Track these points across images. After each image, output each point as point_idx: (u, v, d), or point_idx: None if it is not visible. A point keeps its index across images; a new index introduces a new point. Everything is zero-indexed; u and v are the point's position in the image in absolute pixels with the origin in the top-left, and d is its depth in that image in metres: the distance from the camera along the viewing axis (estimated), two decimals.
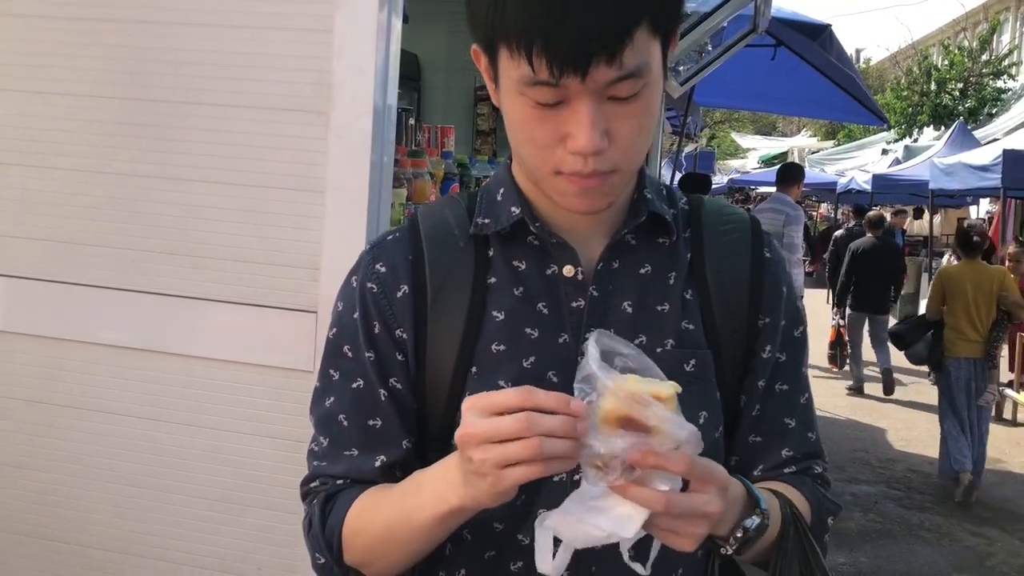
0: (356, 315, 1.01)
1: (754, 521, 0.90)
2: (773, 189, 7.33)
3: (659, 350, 0.98)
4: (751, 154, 27.78)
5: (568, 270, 1.00)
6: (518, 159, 0.99)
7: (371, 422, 1.01)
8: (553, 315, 0.99)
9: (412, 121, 2.83)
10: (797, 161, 17.27)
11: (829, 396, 7.97)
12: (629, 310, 1.00)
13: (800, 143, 26.56)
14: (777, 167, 9.16)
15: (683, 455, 0.77)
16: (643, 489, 0.77)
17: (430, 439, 1.02)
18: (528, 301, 0.99)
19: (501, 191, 1.03)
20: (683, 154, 9.60)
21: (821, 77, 6.85)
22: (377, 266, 1.02)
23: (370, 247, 1.06)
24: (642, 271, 1.02)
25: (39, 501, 2.06)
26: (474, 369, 0.98)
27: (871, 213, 9.32)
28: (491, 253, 1.02)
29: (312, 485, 1.05)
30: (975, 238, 5.86)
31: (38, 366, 2.04)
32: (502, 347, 0.98)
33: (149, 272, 1.94)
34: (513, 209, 1.00)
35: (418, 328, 0.99)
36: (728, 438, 1.06)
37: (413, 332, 1.00)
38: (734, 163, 27.51)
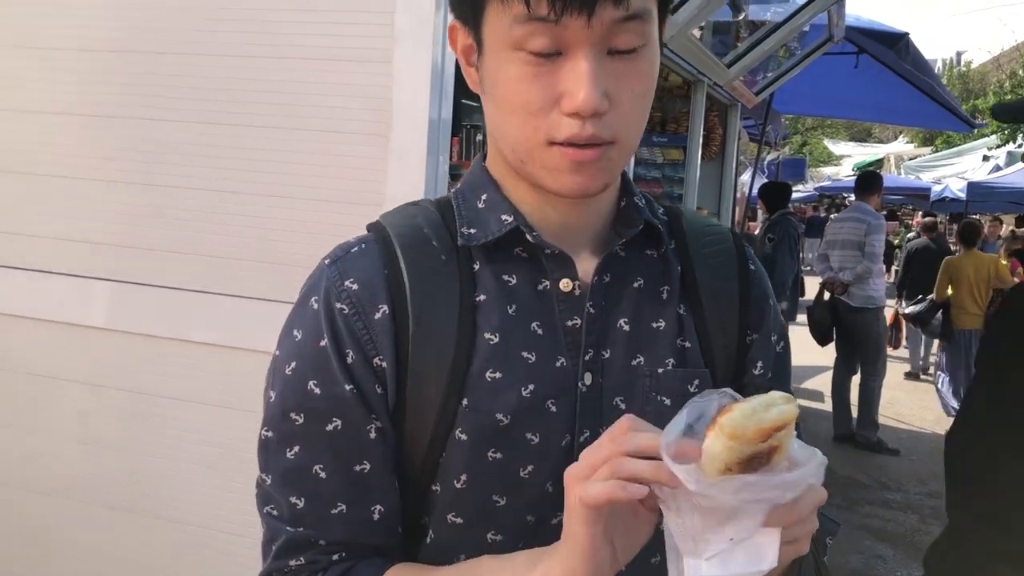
0: (324, 342, 0.85)
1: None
2: None
3: (660, 371, 0.91)
4: (845, 161, 27.01)
5: (565, 284, 0.90)
6: (504, 142, 0.86)
7: (358, 467, 0.86)
8: (548, 336, 0.89)
9: (480, 137, 2.98)
10: (893, 168, 16.80)
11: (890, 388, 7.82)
12: (626, 328, 0.91)
13: (896, 149, 25.73)
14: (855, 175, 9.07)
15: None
16: (776, 514, 0.67)
17: (405, 487, 0.89)
18: (522, 320, 0.88)
19: (484, 197, 0.92)
20: (763, 162, 9.51)
21: (906, 84, 6.75)
22: (347, 283, 0.86)
23: (330, 261, 0.90)
24: (635, 285, 0.94)
25: (134, 481, 2.27)
26: (465, 402, 0.85)
27: (926, 219, 9.88)
28: (477, 267, 0.89)
29: (292, 564, 0.87)
30: (971, 234, 7.51)
31: (135, 360, 2.24)
32: (498, 374, 0.86)
33: (232, 277, 2.12)
34: (504, 217, 0.89)
35: (399, 355, 0.85)
36: None
37: (394, 360, 0.85)
38: (827, 170, 26.82)
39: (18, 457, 2.32)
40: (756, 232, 8.98)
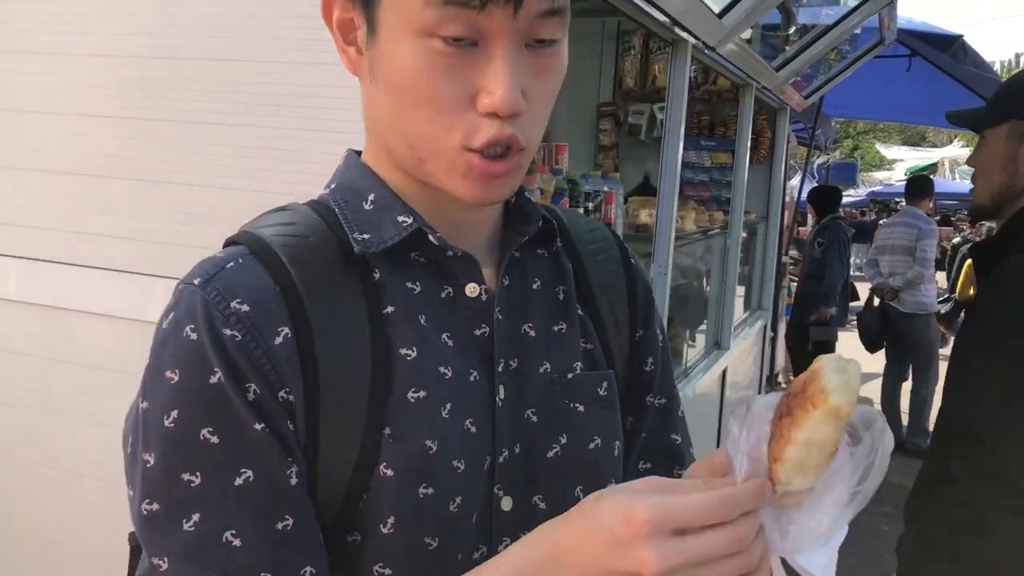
0: (216, 378, 0.70)
1: None
2: None
3: (570, 375, 0.87)
4: (897, 166, 26.52)
5: (471, 289, 0.82)
6: (399, 137, 0.77)
7: (281, 524, 0.71)
8: (459, 347, 0.81)
9: None
10: (948, 173, 16.48)
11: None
12: (532, 333, 0.86)
13: (951, 153, 25.16)
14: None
15: None
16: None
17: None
18: (433, 331, 0.80)
19: (371, 197, 0.82)
20: (813, 166, 9.42)
21: (961, 87, 6.65)
22: (233, 304, 0.72)
23: (201, 281, 0.73)
24: (534, 287, 0.88)
25: None
26: (388, 430, 0.75)
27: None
28: (377, 276, 0.79)
29: None
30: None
31: None
32: (421, 393, 0.77)
33: None
34: (401, 219, 0.80)
35: (308, 385, 0.73)
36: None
37: (303, 391, 0.72)
38: (879, 175, 26.36)
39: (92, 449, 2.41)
40: (805, 237, 8.91)
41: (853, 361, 0.62)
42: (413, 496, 0.75)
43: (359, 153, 0.87)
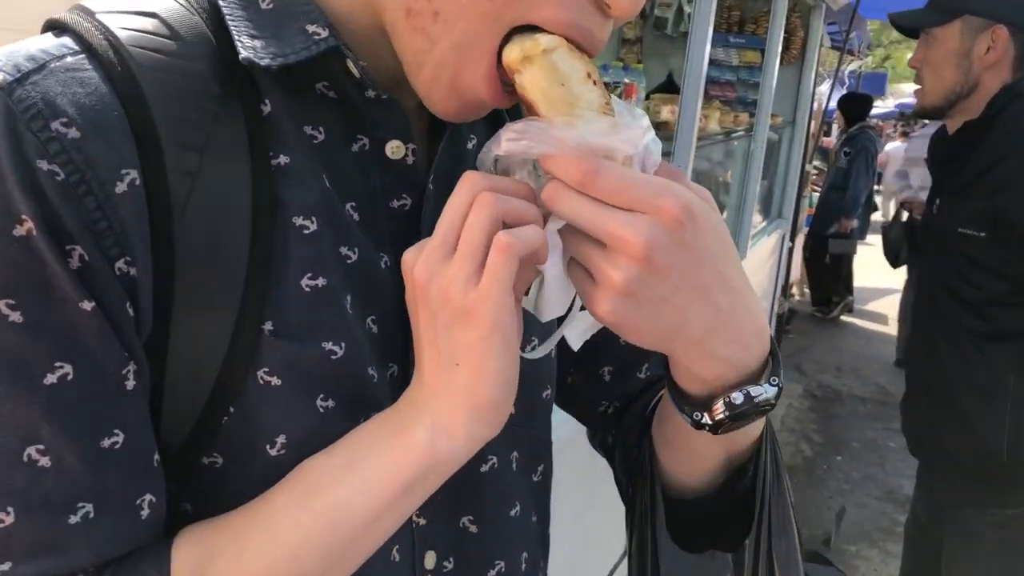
0: (23, 231, 0.49)
1: (764, 391, 0.59)
2: None
3: None
4: None
5: (395, 148, 0.62)
6: None
7: (108, 440, 0.53)
8: (367, 222, 0.62)
9: None
10: None
11: None
12: None
13: None
14: None
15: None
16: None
17: (167, 458, 0.58)
18: (338, 199, 0.60)
19: None
20: (845, 72, 9.06)
21: None
22: (56, 125, 0.50)
23: (7, 79, 0.51)
24: (469, 146, 0.70)
25: None
26: (269, 325, 0.56)
27: None
28: (268, 108, 0.57)
29: None
30: None
31: None
32: (320, 281, 0.58)
33: None
34: (312, 29, 0.57)
35: (160, 254, 0.53)
36: (568, 369, 0.83)
37: (151, 263, 0.53)
38: (908, 87, 25.63)
39: None
40: (830, 147, 8.65)
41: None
42: (311, 411, 0.59)
43: None
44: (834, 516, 3.92)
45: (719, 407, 0.59)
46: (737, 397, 0.58)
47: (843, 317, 7.53)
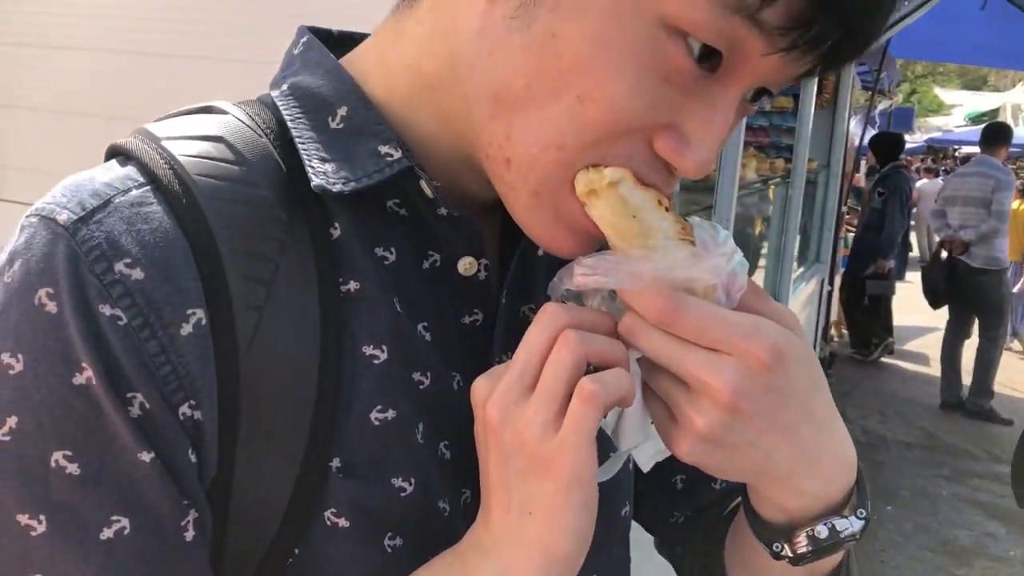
0: (82, 379, 0.47)
1: (849, 525, 0.55)
2: (978, 150, 6.80)
3: None
4: (956, 111, 25.65)
5: (467, 265, 0.60)
6: (493, 113, 0.52)
7: None
8: (438, 342, 0.59)
9: None
10: (1010, 119, 15.80)
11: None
12: (532, 317, 0.61)
13: (1015, 98, 24.23)
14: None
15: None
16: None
17: None
18: (410, 321, 0.57)
19: (342, 111, 0.57)
20: (876, 111, 9.02)
21: None
22: (119, 267, 0.48)
23: (71, 219, 0.48)
24: (540, 252, 0.66)
25: None
26: (337, 463, 0.54)
27: None
28: (337, 232, 0.55)
29: None
30: None
31: None
32: (390, 413, 0.55)
33: None
34: (384, 150, 0.55)
35: (225, 396, 0.50)
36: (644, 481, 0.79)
37: (217, 405, 0.50)
38: (936, 121, 25.50)
39: None
40: (860, 184, 8.57)
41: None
42: (377, 552, 0.55)
43: (328, 39, 0.61)
44: (888, 571, 3.80)
45: (801, 540, 0.56)
46: (822, 531, 0.56)
47: (884, 359, 7.39)
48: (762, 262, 4.12)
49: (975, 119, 22.47)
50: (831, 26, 0.47)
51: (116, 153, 0.55)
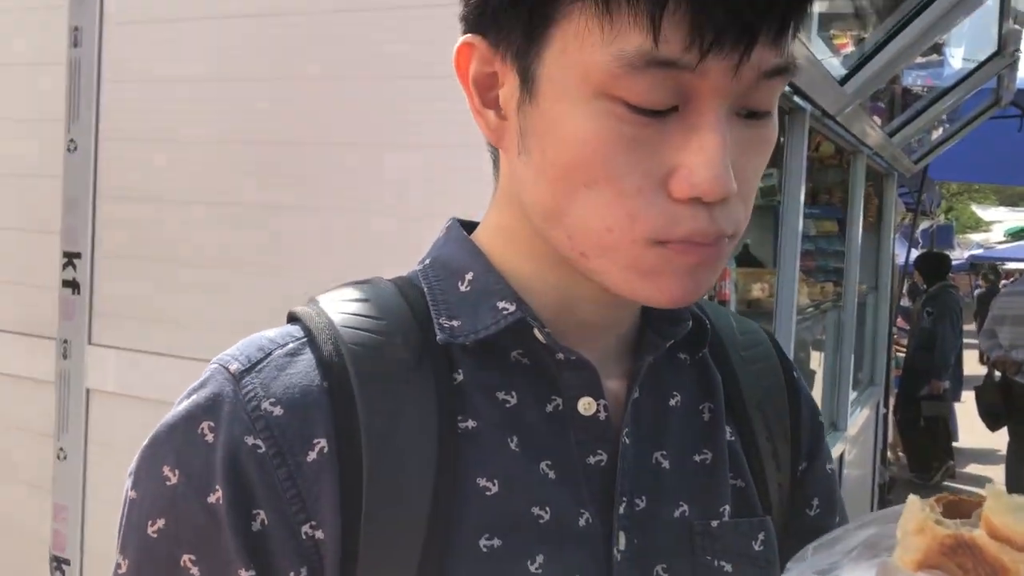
0: (214, 499, 0.56)
1: None
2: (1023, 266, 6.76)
3: (715, 523, 0.67)
4: (995, 227, 25.57)
5: (586, 405, 0.64)
6: (552, 226, 0.59)
7: None
8: (564, 480, 0.62)
9: None
10: None
11: None
12: (665, 464, 0.67)
13: None
14: None
15: None
16: None
17: None
18: (528, 458, 0.62)
19: (468, 277, 0.65)
20: (918, 231, 9.06)
21: None
22: (265, 406, 0.58)
23: (240, 369, 0.60)
24: (671, 403, 0.69)
25: None
26: None
27: None
28: (460, 378, 0.62)
29: None
30: None
31: None
32: (496, 541, 0.59)
33: None
34: (502, 306, 0.63)
35: (346, 518, 0.56)
36: None
37: (338, 526, 0.56)
38: (976, 237, 25.39)
39: None
40: (903, 303, 8.53)
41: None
42: None
43: (468, 225, 0.71)
44: None
45: None
46: None
47: (945, 482, 7.15)
48: (819, 390, 4.08)
49: (1015, 234, 22.38)
50: (720, 15, 0.50)
51: (291, 319, 0.66)
